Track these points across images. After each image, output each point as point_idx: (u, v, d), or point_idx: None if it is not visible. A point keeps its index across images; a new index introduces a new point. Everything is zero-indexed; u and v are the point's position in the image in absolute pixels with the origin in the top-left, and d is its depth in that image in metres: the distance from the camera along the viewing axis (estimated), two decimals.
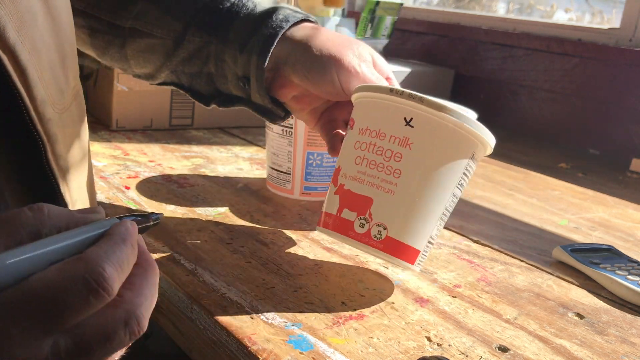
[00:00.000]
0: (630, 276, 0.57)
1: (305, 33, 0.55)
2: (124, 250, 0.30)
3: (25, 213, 0.30)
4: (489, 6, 1.65)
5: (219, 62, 0.58)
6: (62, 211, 0.31)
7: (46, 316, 0.27)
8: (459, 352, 0.45)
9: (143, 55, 0.60)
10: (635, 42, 1.17)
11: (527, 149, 1.17)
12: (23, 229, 0.30)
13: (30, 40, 0.39)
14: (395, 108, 0.48)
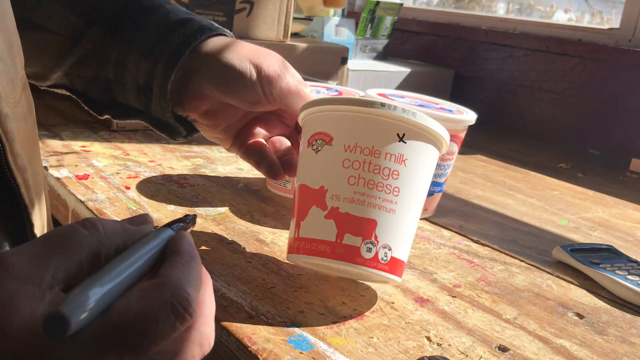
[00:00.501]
0: (630, 276, 0.57)
1: (221, 43, 0.53)
2: (197, 268, 0.30)
3: (81, 232, 0.28)
4: (488, 6, 1.65)
5: (119, 67, 0.54)
6: (116, 226, 0.30)
7: (136, 347, 0.26)
8: (459, 352, 0.45)
9: (33, 52, 0.54)
10: (635, 42, 1.17)
11: (527, 149, 1.18)
12: (82, 249, 0.28)
13: None
14: (388, 124, 0.46)
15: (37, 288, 0.26)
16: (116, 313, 0.26)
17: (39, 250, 0.27)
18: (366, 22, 1.34)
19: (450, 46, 1.45)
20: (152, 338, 0.26)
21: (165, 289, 0.27)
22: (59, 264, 0.27)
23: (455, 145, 0.69)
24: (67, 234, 0.28)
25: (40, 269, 0.26)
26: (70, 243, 0.28)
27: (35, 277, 0.26)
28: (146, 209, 0.65)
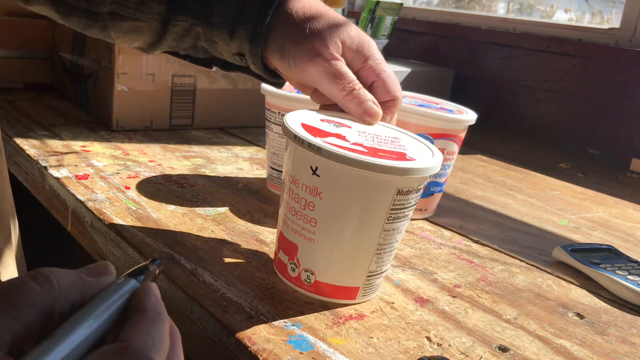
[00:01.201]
0: (630, 276, 0.57)
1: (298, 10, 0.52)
2: (162, 328, 0.27)
3: (31, 286, 0.25)
4: (489, 6, 1.65)
5: (210, 42, 0.55)
6: (72, 278, 0.27)
7: None
8: (459, 352, 0.45)
9: (130, 36, 0.56)
10: (635, 42, 1.17)
11: (527, 149, 1.17)
12: (32, 308, 0.25)
13: None
14: (303, 156, 0.45)
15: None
16: None
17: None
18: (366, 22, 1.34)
19: (451, 46, 1.45)
20: None
21: (127, 355, 0.24)
22: (3, 325, 0.24)
23: (455, 145, 0.69)
24: (15, 289, 0.25)
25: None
26: (18, 300, 0.24)
27: None
28: (146, 209, 0.65)
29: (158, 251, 0.55)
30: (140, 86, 0.93)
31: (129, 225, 0.60)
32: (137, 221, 0.61)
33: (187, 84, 0.97)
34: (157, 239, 0.58)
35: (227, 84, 1.01)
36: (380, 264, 0.49)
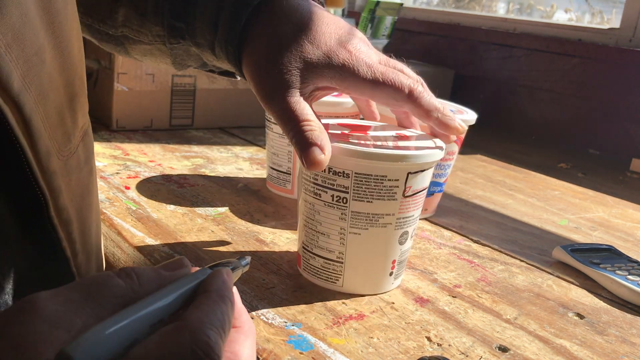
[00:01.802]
0: (631, 276, 0.57)
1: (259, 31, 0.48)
2: (224, 309, 0.28)
3: (115, 280, 0.28)
4: (489, 6, 1.65)
5: (208, 60, 0.54)
6: (150, 274, 0.29)
7: None
8: (459, 352, 0.45)
9: (149, 57, 0.57)
10: (635, 43, 1.17)
11: (527, 149, 1.18)
12: (115, 298, 0.27)
13: (37, 85, 0.36)
14: None
15: (67, 333, 0.25)
16: (132, 359, 0.25)
17: (73, 295, 0.27)
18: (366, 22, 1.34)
19: (451, 46, 1.45)
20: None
21: (185, 332, 0.26)
22: (91, 310, 0.26)
23: (456, 145, 0.69)
24: (102, 282, 0.28)
25: (71, 314, 0.26)
26: (103, 291, 0.27)
27: (65, 322, 0.25)
28: (146, 209, 0.65)
29: (158, 251, 0.55)
30: (140, 86, 0.93)
31: (129, 225, 0.60)
32: (137, 221, 0.61)
33: (187, 84, 0.97)
34: (157, 239, 0.58)
35: (227, 84, 1.01)
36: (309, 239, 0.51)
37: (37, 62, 0.37)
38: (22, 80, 0.35)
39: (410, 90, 0.47)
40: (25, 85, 0.35)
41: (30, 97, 0.35)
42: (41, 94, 0.37)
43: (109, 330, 0.25)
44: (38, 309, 0.25)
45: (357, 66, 0.47)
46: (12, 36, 0.34)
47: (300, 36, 0.47)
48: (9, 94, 0.34)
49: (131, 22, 0.54)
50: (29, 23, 0.36)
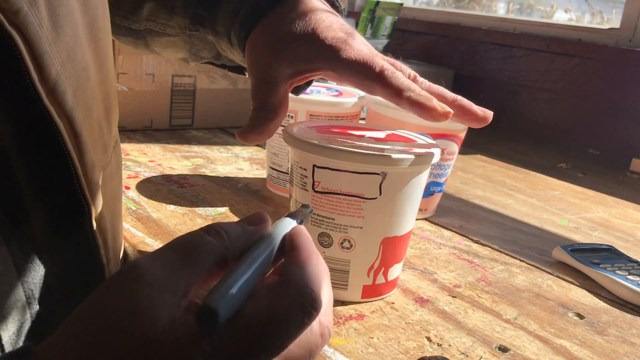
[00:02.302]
0: (630, 276, 0.57)
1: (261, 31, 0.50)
2: (316, 263, 0.31)
3: (207, 239, 0.29)
4: (489, 6, 1.65)
5: (222, 51, 0.56)
6: (237, 230, 0.31)
7: (270, 347, 0.27)
8: (459, 352, 0.45)
9: (170, 49, 0.59)
10: (635, 42, 1.17)
11: (527, 149, 1.18)
12: (210, 256, 0.29)
13: (84, 100, 0.38)
14: None
15: (174, 296, 0.27)
16: (249, 316, 0.27)
17: (171, 258, 0.28)
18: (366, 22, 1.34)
19: (451, 46, 1.45)
20: (284, 337, 0.27)
21: (291, 288, 0.28)
22: (190, 271, 0.28)
23: (456, 145, 0.69)
24: (195, 242, 0.29)
25: (174, 277, 0.27)
26: (199, 251, 0.29)
27: (170, 285, 0.27)
28: (146, 209, 0.65)
29: None
30: (140, 86, 0.93)
31: (129, 225, 0.60)
32: (137, 221, 0.61)
33: (187, 84, 0.97)
34: (157, 239, 0.58)
35: (227, 84, 1.01)
36: None
37: (84, 78, 0.38)
38: (74, 96, 0.37)
39: (382, 69, 0.45)
40: (76, 100, 0.37)
41: (80, 112, 0.37)
42: (87, 108, 0.39)
43: (237, 286, 0.27)
44: (144, 275, 0.27)
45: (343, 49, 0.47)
46: (66, 54, 0.36)
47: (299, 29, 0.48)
48: (63, 109, 0.36)
49: (157, 16, 0.56)
50: (78, 41, 0.38)
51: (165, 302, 0.26)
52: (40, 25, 0.33)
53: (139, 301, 0.26)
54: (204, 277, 0.28)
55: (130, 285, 0.26)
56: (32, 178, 0.37)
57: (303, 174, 0.47)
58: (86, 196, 0.39)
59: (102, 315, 0.26)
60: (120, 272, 0.28)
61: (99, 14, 0.42)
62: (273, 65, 0.48)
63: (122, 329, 0.25)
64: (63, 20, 0.35)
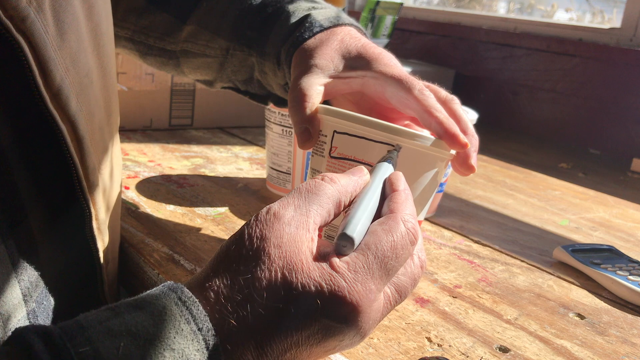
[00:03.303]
0: (631, 276, 0.57)
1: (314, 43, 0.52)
2: (410, 202, 0.36)
3: (325, 185, 0.35)
4: (489, 6, 1.65)
5: (262, 74, 0.57)
6: (346, 179, 0.36)
7: (392, 270, 0.33)
8: (460, 353, 0.44)
9: (199, 70, 0.61)
10: (636, 42, 1.17)
11: (527, 149, 1.17)
12: (329, 198, 0.34)
13: (86, 105, 0.39)
14: None
15: (307, 232, 0.32)
16: (373, 244, 0.33)
17: (298, 202, 0.34)
18: (366, 22, 1.34)
19: (451, 46, 1.45)
20: (401, 261, 0.34)
21: (399, 222, 0.34)
22: (315, 211, 0.33)
23: None
24: (317, 188, 0.35)
25: (304, 216, 0.33)
26: (320, 194, 0.34)
27: (302, 223, 0.33)
28: (146, 209, 0.65)
29: (158, 251, 0.55)
30: (139, 86, 0.93)
31: (129, 225, 0.60)
32: (136, 221, 0.61)
33: (187, 84, 0.97)
34: (157, 239, 0.58)
35: None
36: None
37: (87, 83, 0.40)
38: (77, 100, 0.38)
39: (421, 88, 0.48)
40: (79, 105, 0.38)
41: (83, 117, 0.39)
42: (89, 113, 0.40)
43: (363, 220, 0.34)
44: (280, 217, 0.32)
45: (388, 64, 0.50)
46: (70, 60, 0.37)
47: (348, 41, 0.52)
48: (67, 113, 0.37)
49: (197, 37, 0.59)
50: (82, 46, 0.39)
51: (302, 237, 0.32)
52: (46, 31, 0.34)
53: (282, 236, 0.31)
54: (326, 216, 0.34)
55: (272, 225, 0.32)
56: (31, 179, 0.38)
57: (323, 140, 0.48)
58: (87, 198, 0.40)
59: (249, 249, 0.31)
60: (258, 216, 0.32)
61: (102, 20, 0.43)
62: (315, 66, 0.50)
63: (270, 261, 0.31)
64: (68, 27, 0.36)
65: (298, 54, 0.51)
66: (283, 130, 0.70)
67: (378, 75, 0.49)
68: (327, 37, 0.52)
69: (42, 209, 0.39)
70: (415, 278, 0.36)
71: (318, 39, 0.52)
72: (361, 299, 0.31)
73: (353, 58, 0.50)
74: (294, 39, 0.52)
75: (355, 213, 0.34)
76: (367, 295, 0.31)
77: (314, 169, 0.49)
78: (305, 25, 0.53)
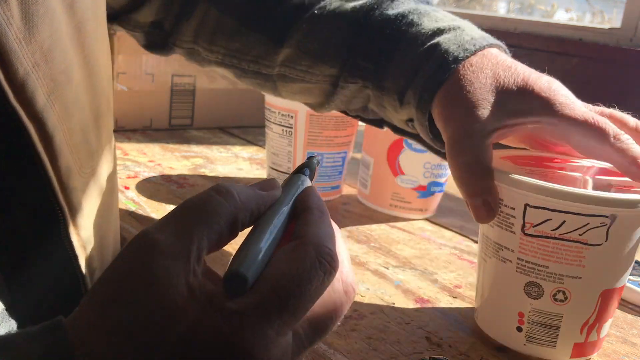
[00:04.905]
0: (631, 276, 0.57)
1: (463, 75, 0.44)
2: (327, 221, 0.31)
3: (217, 200, 0.28)
4: (489, 6, 1.65)
5: (380, 107, 0.51)
6: (249, 192, 0.30)
7: (295, 308, 0.27)
8: (459, 353, 0.44)
9: (299, 95, 0.56)
10: (636, 42, 1.17)
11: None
12: (221, 218, 0.28)
13: (61, 103, 0.37)
14: None
15: (187, 263, 0.26)
16: (272, 279, 0.27)
17: (181, 223, 0.27)
18: None
19: None
20: (308, 298, 0.27)
21: (309, 248, 0.28)
22: (201, 235, 0.27)
23: None
24: (206, 204, 0.28)
25: (186, 242, 0.27)
26: (209, 212, 0.28)
27: (183, 252, 0.26)
28: (145, 209, 0.65)
29: None
30: (139, 86, 0.93)
31: (129, 225, 0.60)
32: (136, 221, 0.61)
33: (187, 84, 0.97)
34: None
35: (226, 84, 1.01)
36: None
37: (63, 80, 0.37)
38: (47, 97, 0.35)
39: (617, 135, 0.42)
40: (49, 102, 0.36)
41: (54, 114, 0.36)
42: (65, 111, 0.38)
43: (261, 250, 0.28)
44: (155, 246, 0.26)
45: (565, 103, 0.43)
46: (41, 55, 0.35)
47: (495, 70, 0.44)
48: (32, 110, 0.35)
49: (296, 62, 0.53)
50: (59, 42, 0.36)
51: (180, 270, 0.26)
52: (8, 22, 0.32)
53: (153, 272, 0.26)
54: (216, 239, 0.28)
55: (143, 257, 0.26)
56: (3, 180, 0.36)
57: (509, 212, 0.42)
58: (59, 201, 0.38)
59: (120, 291, 0.26)
60: (132, 244, 0.27)
61: (87, 19, 0.40)
62: (475, 118, 0.42)
63: (141, 302, 0.25)
64: (38, 20, 0.34)
65: (441, 102, 0.44)
66: (283, 130, 0.70)
67: (557, 121, 0.42)
68: (472, 72, 0.44)
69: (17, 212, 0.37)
70: (337, 309, 0.30)
71: (459, 76, 0.44)
72: (253, 347, 0.25)
73: (516, 99, 0.43)
74: (426, 78, 0.45)
75: (252, 242, 0.28)
76: (260, 342, 0.26)
77: (501, 245, 0.43)
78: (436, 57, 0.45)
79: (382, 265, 0.57)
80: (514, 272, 0.43)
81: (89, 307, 0.26)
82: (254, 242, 0.28)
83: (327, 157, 0.71)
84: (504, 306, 0.44)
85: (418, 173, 0.68)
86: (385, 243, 0.63)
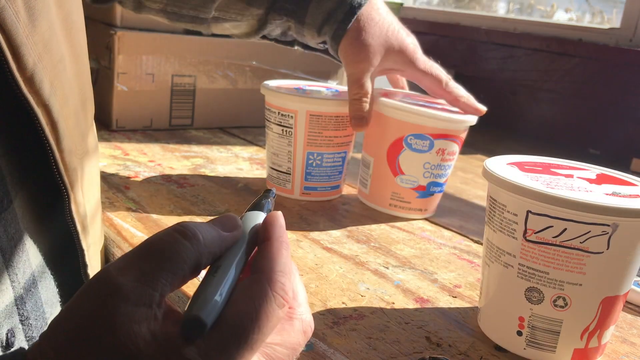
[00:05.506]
0: None
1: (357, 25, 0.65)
2: (285, 253, 0.32)
3: (182, 244, 0.29)
4: (489, 6, 1.65)
5: (299, 35, 0.69)
6: (213, 234, 0.31)
7: (253, 344, 0.28)
8: (459, 352, 0.45)
9: (229, 31, 0.71)
10: (636, 42, 1.17)
11: (527, 149, 1.17)
12: (186, 263, 0.28)
13: (61, 90, 0.40)
14: None
15: (149, 309, 0.27)
16: (230, 319, 0.28)
17: (145, 267, 0.27)
18: None
19: (451, 46, 1.45)
20: (265, 332, 0.29)
21: (263, 283, 0.29)
22: (165, 280, 0.28)
23: (456, 145, 0.68)
24: (170, 247, 0.28)
25: (149, 288, 0.27)
26: (173, 257, 0.28)
27: (145, 297, 0.27)
28: (146, 209, 0.65)
29: None
30: (139, 86, 0.93)
31: (129, 225, 0.60)
32: (137, 221, 0.61)
33: (187, 84, 0.97)
34: None
35: (227, 84, 1.01)
36: None
37: (61, 69, 0.40)
38: (51, 85, 0.38)
39: (446, 82, 0.69)
40: (53, 90, 0.39)
41: (57, 101, 0.39)
42: (64, 98, 0.41)
43: (219, 293, 0.28)
44: (117, 290, 0.26)
45: (417, 60, 0.68)
46: (43, 46, 0.37)
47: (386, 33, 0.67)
48: (40, 98, 0.37)
49: (230, 7, 0.68)
50: (54, 34, 0.39)
51: (142, 316, 0.26)
52: (17, 18, 0.35)
53: (115, 319, 0.26)
54: (178, 283, 0.29)
55: (105, 301, 0.26)
56: (13, 165, 0.39)
57: (511, 218, 0.42)
58: (64, 181, 0.41)
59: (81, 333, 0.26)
60: (95, 284, 0.27)
61: (73, 10, 0.44)
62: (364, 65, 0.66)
63: (102, 350, 0.25)
64: (39, 14, 0.37)
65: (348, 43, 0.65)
66: (283, 130, 0.70)
67: (417, 73, 0.69)
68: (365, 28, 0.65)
69: (25, 194, 0.40)
70: (295, 347, 0.31)
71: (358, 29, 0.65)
72: None
73: (396, 53, 0.67)
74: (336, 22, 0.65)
75: (212, 285, 0.28)
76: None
77: (503, 250, 0.44)
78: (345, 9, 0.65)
79: (382, 265, 0.57)
80: (515, 277, 0.43)
81: (49, 345, 0.26)
82: (211, 286, 0.28)
83: (327, 157, 0.71)
84: (505, 310, 0.45)
85: (418, 173, 0.68)
86: (385, 243, 0.63)
